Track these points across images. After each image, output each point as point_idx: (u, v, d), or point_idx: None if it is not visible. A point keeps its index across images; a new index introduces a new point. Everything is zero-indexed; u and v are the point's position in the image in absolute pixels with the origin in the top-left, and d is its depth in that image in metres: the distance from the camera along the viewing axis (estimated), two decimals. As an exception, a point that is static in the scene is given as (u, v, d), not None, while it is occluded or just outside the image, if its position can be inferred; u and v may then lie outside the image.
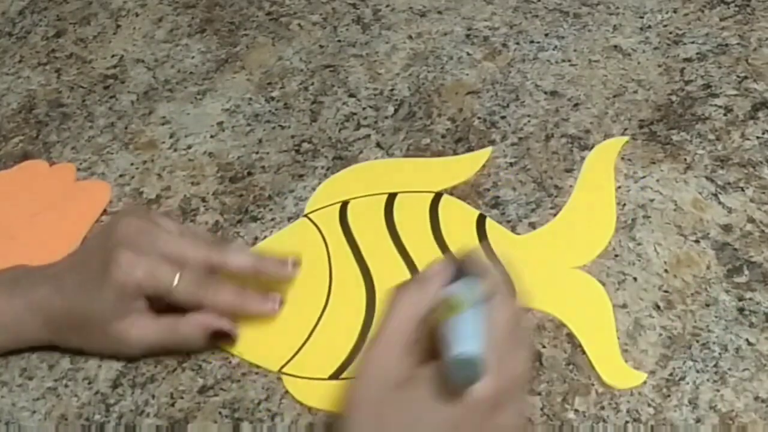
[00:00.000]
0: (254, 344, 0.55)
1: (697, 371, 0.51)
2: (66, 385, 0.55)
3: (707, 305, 0.54)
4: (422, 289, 0.45)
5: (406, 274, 0.57)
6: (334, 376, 0.53)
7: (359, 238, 0.59)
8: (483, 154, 0.63)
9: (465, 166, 0.63)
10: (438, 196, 0.61)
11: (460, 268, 0.46)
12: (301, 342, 0.55)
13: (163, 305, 0.52)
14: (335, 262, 0.58)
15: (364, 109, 0.68)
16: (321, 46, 0.73)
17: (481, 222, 0.59)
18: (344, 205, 0.61)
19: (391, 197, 0.61)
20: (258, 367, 0.54)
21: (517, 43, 0.71)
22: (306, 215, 0.61)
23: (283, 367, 0.54)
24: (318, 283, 0.57)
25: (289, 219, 0.61)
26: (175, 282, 0.51)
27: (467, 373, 0.41)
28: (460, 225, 0.59)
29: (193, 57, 0.74)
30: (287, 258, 0.54)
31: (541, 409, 0.50)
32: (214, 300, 0.52)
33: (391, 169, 0.64)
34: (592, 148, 0.63)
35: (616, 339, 0.53)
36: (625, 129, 0.64)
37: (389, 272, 0.57)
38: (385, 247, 0.58)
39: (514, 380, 0.43)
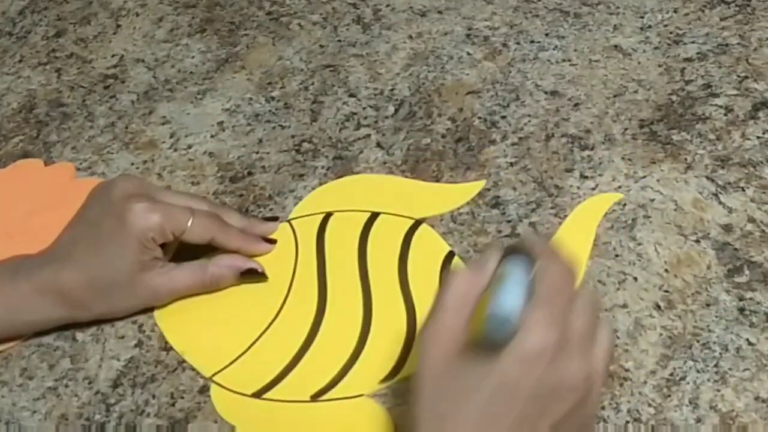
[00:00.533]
0: (197, 345, 0.55)
1: (698, 371, 0.51)
2: (66, 385, 0.55)
3: (708, 305, 0.54)
4: (477, 270, 0.45)
5: (359, 302, 0.56)
6: (257, 394, 0.52)
7: (329, 254, 0.58)
8: (475, 186, 0.62)
9: (455, 195, 0.61)
10: (416, 224, 0.59)
11: (513, 249, 0.45)
12: (239, 352, 0.54)
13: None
14: (298, 275, 0.57)
15: (364, 108, 0.68)
16: (321, 46, 0.73)
17: (447, 259, 0.58)
18: (327, 216, 0.60)
19: (373, 216, 0.60)
20: (193, 370, 0.54)
21: (518, 43, 0.71)
22: (289, 220, 0.61)
23: (215, 375, 0.53)
24: (275, 295, 0.56)
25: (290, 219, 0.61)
26: (190, 222, 0.54)
27: (502, 331, 0.40)
28: (427, 259, 0.58)
29: (193, 57, 0.74)
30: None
31: (542, 409, 0.50)
32: (224, 239, 0.56)
33: (384, 186, 0.62)
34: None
35: None
36: (626, 129, 0.64)
37: (344, 297, 0.56)
38: (350, 269, 0.57)
39: (573, 334, 0.41)
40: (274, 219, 0.60)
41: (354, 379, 0.53)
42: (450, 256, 0.58)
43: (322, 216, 0.60)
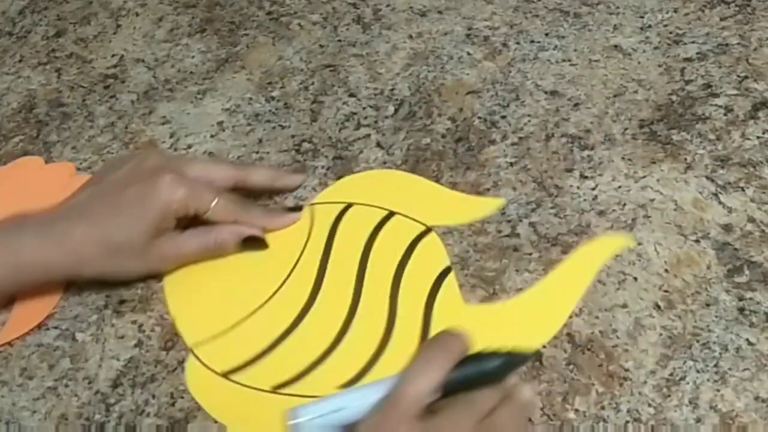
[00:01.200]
0: (187, 313, 0.56)
1: (698, 371, 0.51)
2: (66, 385, 0.55)
3: (707, 305, 0.54)
4: (429, 368, 0.45)
5: (347, 302, 0.56)
6: (226, 374, 0.53)
7: (336, 246, 0.58)
8: (493, 203, 0.61)
9: (471, 208, 0.61)
10: (427, 231, 0.59)
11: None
12: (223, 328, 0.55)
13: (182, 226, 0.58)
14: (302, 261, 0.58)
15: (364, 108, 0.68)
16: (321, 46, 0.73)
17: (443, 274, 0.57)
18: (347, 207, 0.61)
19: (389, 215, 0.60)
20: (176, 335, 0.55)
21: (518, 43, 0.71)
22: (312, 204, 0.61)
23: (195, 345, 0.54)
24: (274, 276, 0.57)
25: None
26: (214, 204, 0.56)
27: None
28: (424, 269, 0.57)
29: (193, 56, 0.74)
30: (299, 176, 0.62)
31: (542, 409, 0.50)
32: (247, 217, 0.58)
33: (407, 185, 0.62)
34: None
35: None
36: (626, 129, 0.64)
37: (335, 293, 0.56)
38: (349, 265, 0.58)
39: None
40: (299, 209, 0.61)
41: (316, 379, 0.53)
42: (446, 271, 0.57)
43: (342, 206, 0.61)
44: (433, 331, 0.55)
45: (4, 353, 0.56)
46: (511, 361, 0.46)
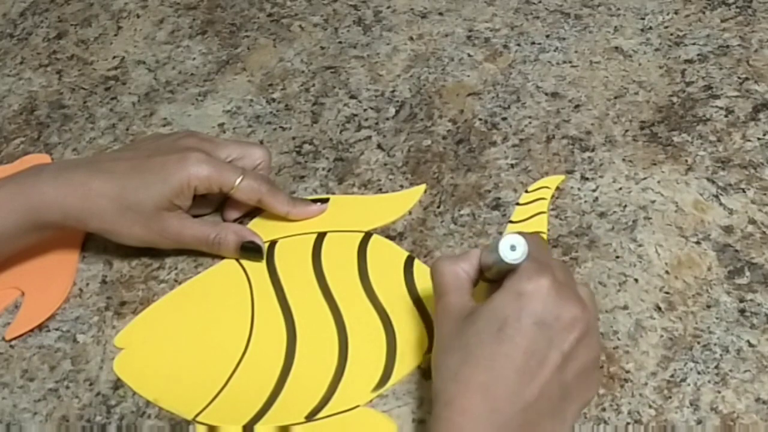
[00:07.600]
0: (170, 390, 0.53)
1: (698, 373, 0.51)
2: (67, 387, 0.55)
3: (708, 307, 0.54)
4: (462, 256, 0.49)
5: (329, 319, 0.55)
6: (249, 425, 0.51)
7: (285, 280, 0.57)
8: (416, 192, 0.62)
9: (397, 204, 0.61)
10: (367, 236, 0.59)
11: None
12: (217, 389, 0.53)
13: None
14: (258, 305, 0.56)
15: (365, 110, 0.68)
16: (322, 48, 0.73)
17: (409, 263, 0.58)
18: (272, 245, 0.59)
19: (321, 237, 0.59)
20: (173, 414, 0.53)
21: (518, 45, 0.71)
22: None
23: (198, 415, 0.52)
24: (239, 328, 0.56)
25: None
26: (238, 181, 0.57)
27: (514, 253, 0.45)
28: (387, 266, 0.58)
29: (194, 58, 0.74)
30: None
31: (542, 411, 0.50)
32: (271, 200, 0.59)
33: (330, 205, 0.62)
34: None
35: None
36: (626, 130, 0.64)
37: (312, 316, 0.56)
38: (310, 290, 0.57)
39: (560, 281, 0.45)
40: (324, 201, 0.61)
41: (345, 393, 0.52)
42: (409, 260, 0.58)
43: (266, 245, 0.59)
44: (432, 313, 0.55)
45: (5, 355, 0.56)
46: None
